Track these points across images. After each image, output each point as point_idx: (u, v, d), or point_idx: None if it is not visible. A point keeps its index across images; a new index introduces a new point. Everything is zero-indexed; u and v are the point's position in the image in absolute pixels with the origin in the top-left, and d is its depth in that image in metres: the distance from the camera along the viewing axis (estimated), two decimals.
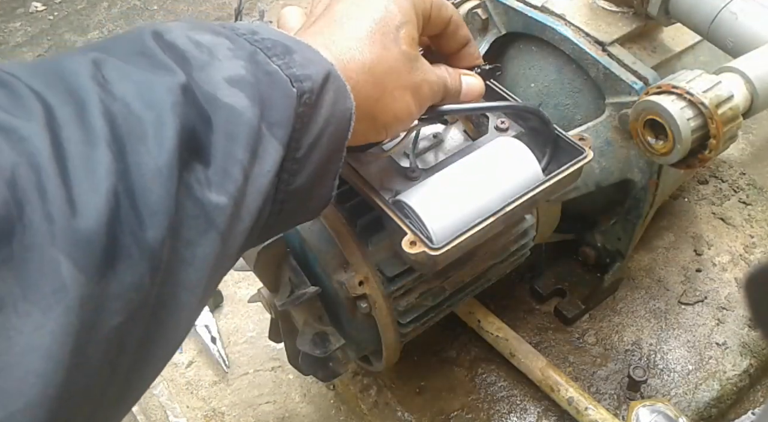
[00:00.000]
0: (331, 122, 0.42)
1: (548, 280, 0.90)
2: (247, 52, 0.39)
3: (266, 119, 0.38)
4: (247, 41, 0.40)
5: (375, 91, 0.47)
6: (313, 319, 0.65)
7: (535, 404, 0.81)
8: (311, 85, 0.40)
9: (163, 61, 0.36)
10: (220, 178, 0.35)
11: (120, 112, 0.33)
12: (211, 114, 0.36)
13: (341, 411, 0.93)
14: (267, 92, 0.38)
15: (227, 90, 0.37)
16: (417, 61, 0.49)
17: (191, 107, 0.35)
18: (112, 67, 0.35)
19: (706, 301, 0.90)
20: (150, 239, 0.32)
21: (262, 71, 0.39)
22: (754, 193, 1.03)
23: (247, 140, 0.37)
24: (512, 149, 0.58)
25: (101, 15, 1.82)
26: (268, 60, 0.40)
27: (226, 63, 0.38)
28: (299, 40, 0.43)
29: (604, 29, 0.71)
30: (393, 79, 0.47)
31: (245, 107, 0.37)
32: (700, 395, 0.82)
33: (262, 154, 0.38)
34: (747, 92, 0.60)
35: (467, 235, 0.52)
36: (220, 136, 0.36)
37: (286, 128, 0.39)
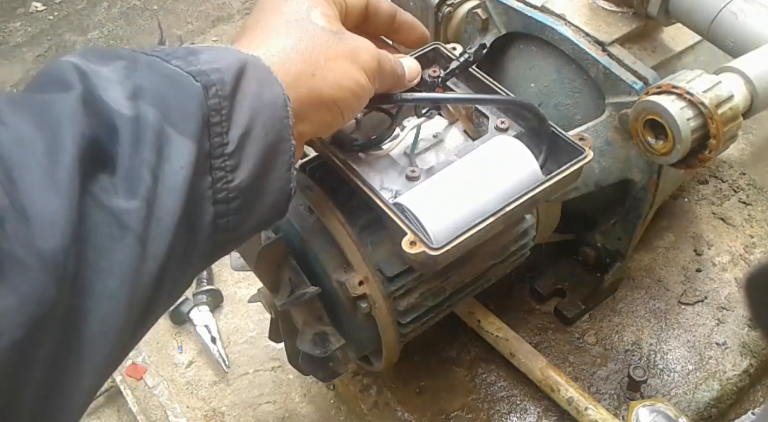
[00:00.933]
0: (261, 111, 0.42)
1: (548, 280, 0.90)
2: (143, 64, 0.40)
3: (168, 118, 0.38)
4: (143, 54, 0.41)
5: (306, 67, 0.47)
6: (313, 319, 0.65)
7: (535, 404, 0.81)
8: (221, 76, 0.40)
9: (66, 79, 0.37)
10: (127, 182, 0.36)
11: (10, 136, 0.33)
12: (116, 124, 0.36)
13: (341, 411, 0.93)
14: (166, 93, 0.39)
15: (129, 105, 0.37)
16: (341, 33, 0.50)
17: (91, 116, 0.36)
18: (8, 99, 0.35)
19: (706, 301, 0.90)
20: (49, 248, 0.31)
21: (160, 75, 0.39)
22: (754, 193, 1.03)
23: (151, 140, 0.37)
24: (512, 149, 0.58)
25: (101, 15, 1.82)
26: (166, 64, 0.40)
27: (125, 82, 0.38)
28: (210, 46, 0.43)
29: (604, 29, 0.71)
30: (321, 51, 0.48)
31: (146, 111, 0.37)
32: (700, 395, 0.82)
33: (169, 152, 0.38)
34: (747, 92, 0.60)
35: (467, 235, 0.52)
36: (126, 143, 0.36)
37: (195, 123, 0.39)
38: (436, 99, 0.61)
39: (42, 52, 1.72)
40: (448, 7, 0.84)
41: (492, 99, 0.62)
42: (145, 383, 0.98)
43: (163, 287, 0.38)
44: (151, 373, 0.99)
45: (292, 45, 0.47)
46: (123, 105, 0.37)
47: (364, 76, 0.50)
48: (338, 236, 0.61)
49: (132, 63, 0.40)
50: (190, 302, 1.03)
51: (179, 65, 0.40)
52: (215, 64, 0.41)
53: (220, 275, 1.10)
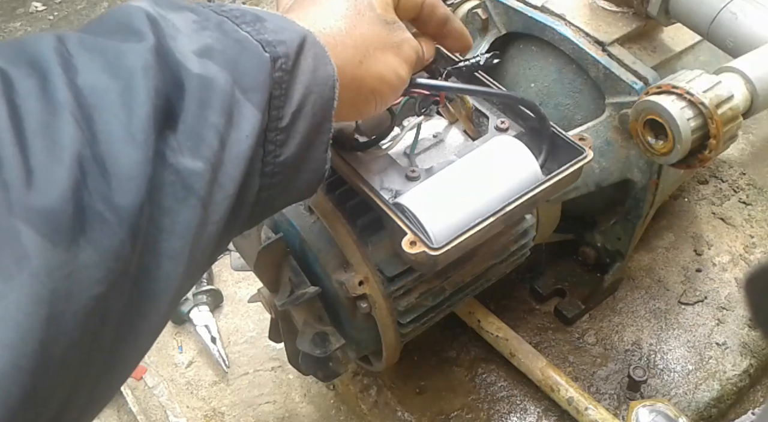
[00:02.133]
0: (313, 90, 0.42)
1: (548, 280, 0.90)
2: (214, 23, 0.39)
3: (240, 84, 0.38)
4: (213, 11, 0.40)
5: (356, 53, 0.47)
6: (313, 319, 0.65)
7: (535, 404, 0.81)
8: (286, 50, 0.40)
9: (137, 27, 0.36)
10: (193, 143, 0.35)
11: (85, 83, 0.32)
12: (184, 80, 0.36)
13: (341, 411, 0.93)
14: (238, 59, 0.38)
15: (197, 62, 0.37)
16: (394, 23, 0.50)
17: (163, 71, 0.35)
18: (77, 41, 0.35)
19: (706, 301, 0.90)
20: (127, 204, 0.31)
21: (231, 39, 0.39)
22: (754, 193, 1.03)
23: (221, 104, 0.36)
24: (512, 149, 0.57)
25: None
26: (236, 28, 0.39)
27: (194, 36, 0.37)
28: (270, 12, 0.43)
29: (604, 29, 0.71)
30: (373, 41, 0.48)
31: (216, 74, 0.37)
32: (700, 395, 0.82)
33: (238, 118, 0.37)
34: (747, 92, 0.60)
35: (467, 235, 0.52)
36: (193, 102, 0.36)
37: (263, 93, 0.39)
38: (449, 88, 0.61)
39: None
40: (448, 8, 0.84)
41: (498, 94, 0.62)
42: (145, 383, 0.98)
43: (216, 251, 0.39)
44: (151, 373, 0.99)
45: (347, 29, 0.47)
46: (192, 61, 0.36)
47: (405, 70, 0.51)
48: (338, 236, 0.61)
49: (203, 19, 0.39)
50: (190, 302, 1.03)
51: (249, 32, 0.39)
52: (280, 35, 0.40)
53: (220, 275, 1.10)
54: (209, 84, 0.36)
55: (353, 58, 0.47)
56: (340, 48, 0.46)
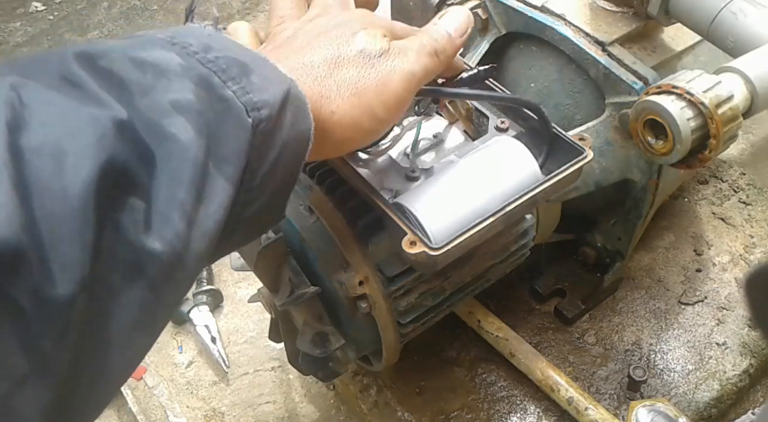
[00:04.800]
0: (289, 146, 0.39)
1: (548, 280, 0.90)
2: (199, 74, 0.35)
3: (214, 154, 0.34)
4: (199, 62, 0.36)
5: (329, 104, 0.44)
6: (313, 319, 0.65)
7: (535, 404, 0.81)
8: (269, 113, 0.37)
9: (94, 93, 0.31)
10: (157, 222, 0.31)
11: (33, 145, 0.28)
12: (153, 148, 0.32)
13: (341, 411, 0.93)
14: (217, 123, 0.35)
15: (172, 117, 0.33)
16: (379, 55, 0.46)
17: (126, 141, 0.31)
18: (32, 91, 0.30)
19: (706, 301, 0.90)
20: (59, 297, 0.27)
21: (215, 97, 0.35)
22: (754, 193, 1.03)
23: (191, 179, 0.32)
24: (512, 149, 0.57)
25: (101, 15, 1.82)
26: (223, 84, 0.36)
27: (175, 83, 0.34)
28: (256, 54, 0.40)
29: (604, 29, 0.71)
30: (349, 87, 0.45)
31: (190, 140, 0.33)
32: (700, 395, 0.82)
33: (209, 193, 0.34)
34: (747, 92, 0.60)
35: (467, 235, 0.52)
36: (163, 173, 0.32)
37: (237, 164, 0.35)
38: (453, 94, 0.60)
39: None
40: (448, 7, 0.84)
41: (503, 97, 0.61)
42: (145, 383, 0.98)
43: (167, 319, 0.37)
44: (151, 373, 0.99)
45: (325, 75, 0.44)
46: (168, 117, 0.33)
47: (387, 110, 0.47)
48: (338, 236, 0.61)
49: (187, 66, 0.35)
50: (190, 302, 1.03)
51: (235, 91, 0.36)
52: (264, 93, 0.37)
53: (220, 275, 1.10)
54: (181, 152, 0.32)
55: (327, 110, 0.44)
56: (315, 98, 0.43)
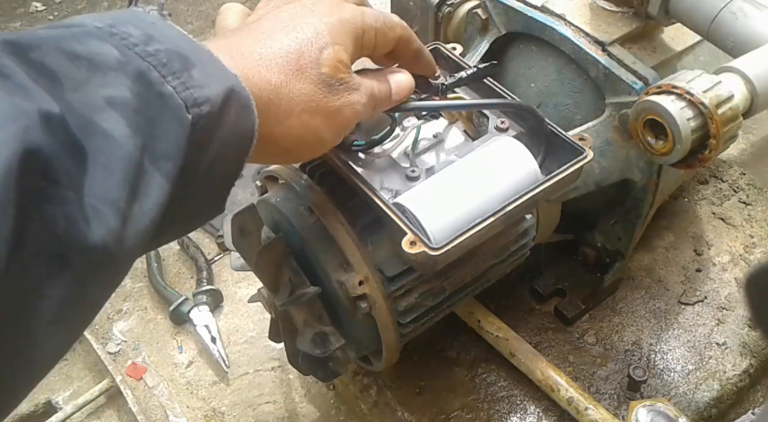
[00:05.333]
0: (230, 144, 0.39)
1: (548, 280, 0.90)
2: (136, 69, 0.34)
3: (150, 151, 0.33)
4: (138, 55, 0.35)
5: (278, 112, 0.43)
6: (313, 319, 0.65)
7: (535, 404, 0.81)
8: (209, 109, 0.36)
9: (22, 83, 0.30)
10: (90, 216, 0.30)
11: None
12: (84, 142, 0.31)
13: (341, 411, 0.93)
14: (155, 119, 0.34)
15: (106, 113, 0.32)
16: (340, 84, 0.46)
17: (54, 134, 0.30)
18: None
19: (706, 301, 0.90)
20: None
21: (154, 93, 0.34)
22: (754, 193, 1.03)
23: (125, 175, 0.32)
24: (511, 149, 0.58)
25: None
26: (162, 80, 0.35)
27: (110, 78, 0.33)
28: (200, 47, 0.39)
29: (604, 29, 0.71)
30: (302, 102, 0.44)
31: (125, 137, 0.32)
32: (700, 395, 0.82)
33: (145, 191, 0.33)
34: (747, 92, 0.60)
35: (467, 235, 0.52)
36: (95, 168, 0.31)
37: (176, 160, 0.35)
38: (436, 107, 0.61)
39: None
40: (448, 7, 0.84)
41: (492, 103, 0.62)
42: (145, 383, 0.98)
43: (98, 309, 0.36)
44: (151, 373, 0.99)
45: (278, 84, 0.43)
46: (101, 112, 0.32)
47: (332, 135, 0.48)
48: (338, 236, 0.61)
49: (125, 60, 0.34)
50: (190, 302, 1.03)
51: (175, 87, 0.35)
52: (206, 89, 0.36)
53: (220, 275, 1.10)
54: (114, 148, 0.32)
55: (274, 116, 0.43)
56: (264, 102, 0.42)
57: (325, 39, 0.46)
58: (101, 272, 0.33)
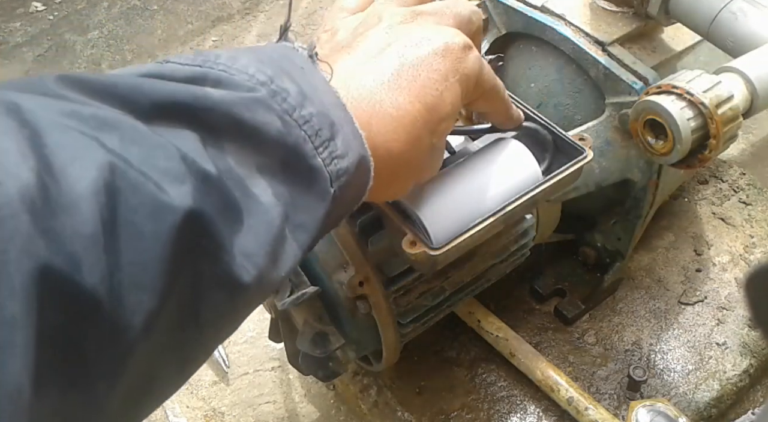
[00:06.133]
0: (346, 208, 0.39)
1: (548, 280, 0.90)
2: (294, 141, 0.33)
3: (291, 220, 0.33)
4: (296, 124, 0.34)
5: (386, 176, 0.41)
6: (313, 319, 0.65)
7: (535, 404, 0.81)
8: (346, 179, 0.36)
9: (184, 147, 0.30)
10: (229, 277, 0.30)
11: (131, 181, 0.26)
12: (240, 203, 0.31)
13: (341, 411, 0.93)
14: (301, 190, 0.34)
15: (256, 178, 0.32)
16: (439, 150, 0.46)
17: (212, 193, 0.30)
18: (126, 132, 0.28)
19: (706, 301, 0.90)
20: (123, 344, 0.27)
21: (305, 166, 0.34)
22: (754, 193, 1.03)
23: (269, 241, 0.32)
24: (512, 150, 0.58)
25: (101, 15, 1.82)
26: (315, 152, 0.34)
27: (268, 147, 0.32)
28: (339, 103, 0.37)
29: (604, 29, 0.71)
30: (408, 172, 0.44)
31: (271, 204, 0.32)
32: (700, 395, 0.82)
33: (283, 258, 0.33)
34: (747, 92, 0.60)
35: (467, 235, 0.52)
36: (248, 230, 0.31)
37: (312, 232, 0.35)
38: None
39: (42, 52, 1.72)
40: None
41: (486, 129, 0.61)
42: None
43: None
44: None
45: (398, 154, 0.41)
46: (252, 178, 0.31)
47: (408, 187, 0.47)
48: (338, 236, 0.61)
49: (285, 131, 0.33)
50: None
51: (324, 159, 0.34)
52: (345, 159, 0.35)
53: None
54: (263, 215, 0.32)
55: (383, 180, 0.41)
56: (377, 169, 0.39)
57: (446, 108, 0.42)
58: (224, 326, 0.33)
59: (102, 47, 1.73)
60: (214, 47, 1.71)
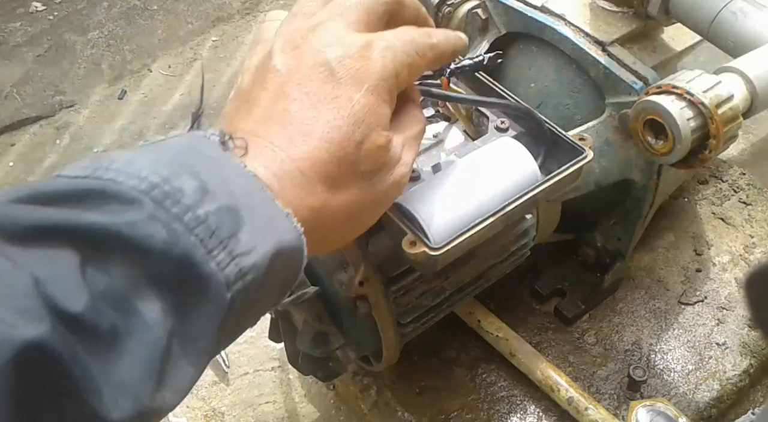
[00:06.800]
0: (274, 291, 0.37)
1: (548, 280, 0.90)
2: (182, 251, 0.31)
3: (181, 334, 0.31)
4: (186, 229, 0.31)
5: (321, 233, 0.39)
6: (313, 319, 0.65)
7: (535, 404, 0.81)
8: (253, 276, 0.33)
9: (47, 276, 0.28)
10: (108, 406, 0.28)
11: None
12: (115, 323, 0.29)
13: (341, 411, 0.93)
14: (192, 302, 0.31)
15: (142, 291, 0.30)
16: (380, 171, 0.41)
17: (67, 327, 0.28)
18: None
19: (706, 301, 0.90)
20: None
21: (195, 276, 0.31)
22: (754, 193, 1.03)
23: (151, 363, 0.29)
24: (511, 150, 0.58)
25: (101, 15, 1.82)
26: (207, 257, 0.31)
27: (155, 259, 0.30)
28: (252, 187, 0.35)
29: (604, 29, 0.71)
30: (343, 214, 0.40)
31: (156, 320, 0.30)
32: (700, 395, 0.82)
33: (170, 379, 0.31)
34: (747, 92, 0.60)
35: (467, 235, 0.52)
36: (121, 355, 0.29)
37: (206, 345, 0.32)
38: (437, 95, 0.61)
39: (42, 52, 1.72)
40: (448, 7, 0.84)
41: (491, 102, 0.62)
42: None
43: None
44: None
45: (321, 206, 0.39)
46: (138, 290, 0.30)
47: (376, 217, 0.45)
48: None
49: (171, 240, 0.30)
50: None
51: (220, 262, 0.32)
52: (252, 254, 0.33)
53: None
54: (144, 334, 0.30)
55: (317, 238, 0.39)
56: (305, 231, 0.37)
57: (361, 130, 0.40)
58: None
59: (102, 47, 1.73)
60: (214, 47, 1.71)
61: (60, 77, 1.65)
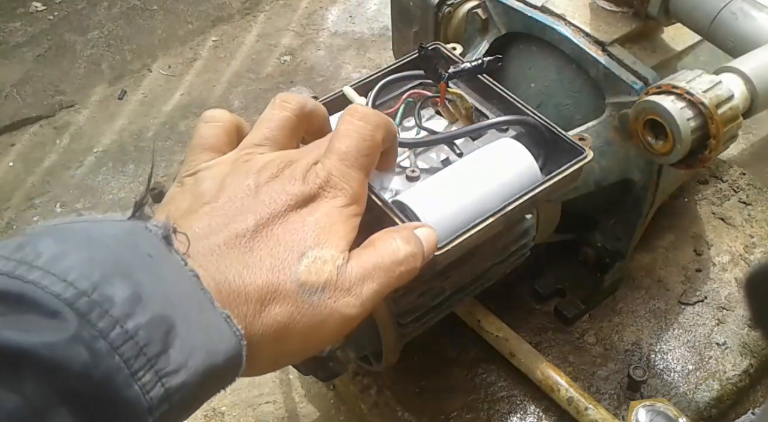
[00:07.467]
0: (203, 402, 0.34)
1: (548, 280, 0.90)
2: (103, 374, 0.28)
3: None
4: (111, 348, 0.29)
5: (266, 361, 0.38)
6: None
7: (535, 404, 0.81)
8: (182, 395, 0.31)
9: None
10: None
11: None
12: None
13: (341, 411, 0.93)
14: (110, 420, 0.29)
15: (58, 409, 0.28)
16: (323, 290, 0.39)
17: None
18: None
19: (706, 301, 0.90)
20: None
21: (116, 400, 0.29)
22: (754, 193, 1.03)
23: None
24: (511, 150, 0.58)
25: (101, 15, 1.82)
26: (131, 381, 0.29)
27: (72, 381, 0.28)
28: (192, 292, 0.33)
29: (604, 29, 0.71)
30: (273, 333, 0.38)
31: None
32: (700, 395, 0.82)
33: None
34: (747, 92, 0.60)
35: (467, 235, 0.52)
36: None
37: None
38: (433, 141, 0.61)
39: (42, 52, 1.72)
40: (448, 7, 0.84)
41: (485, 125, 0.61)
42: None
43: None
44: None
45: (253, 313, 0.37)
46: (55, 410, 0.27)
47: (306, 354, 0.44)
48: None
49: (93, 362, 0.28)
50: None
51: (145, 384, 0.29)
52: (182, 371, 0.31)
53: None
54: None
55: (257, 367, 0.37)
56: (249, 360, 0.35)
57: (309, 235, 0.40)
58: None
59: (102, 47, 1.73)
60: (214, 47, 1.71)
61: (60, 77, 1.65)
